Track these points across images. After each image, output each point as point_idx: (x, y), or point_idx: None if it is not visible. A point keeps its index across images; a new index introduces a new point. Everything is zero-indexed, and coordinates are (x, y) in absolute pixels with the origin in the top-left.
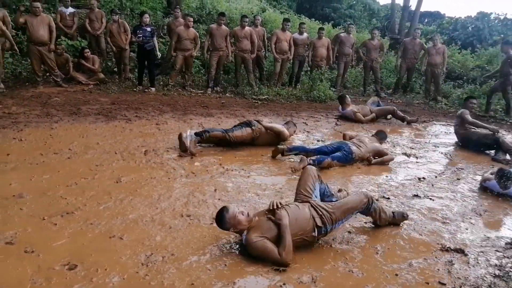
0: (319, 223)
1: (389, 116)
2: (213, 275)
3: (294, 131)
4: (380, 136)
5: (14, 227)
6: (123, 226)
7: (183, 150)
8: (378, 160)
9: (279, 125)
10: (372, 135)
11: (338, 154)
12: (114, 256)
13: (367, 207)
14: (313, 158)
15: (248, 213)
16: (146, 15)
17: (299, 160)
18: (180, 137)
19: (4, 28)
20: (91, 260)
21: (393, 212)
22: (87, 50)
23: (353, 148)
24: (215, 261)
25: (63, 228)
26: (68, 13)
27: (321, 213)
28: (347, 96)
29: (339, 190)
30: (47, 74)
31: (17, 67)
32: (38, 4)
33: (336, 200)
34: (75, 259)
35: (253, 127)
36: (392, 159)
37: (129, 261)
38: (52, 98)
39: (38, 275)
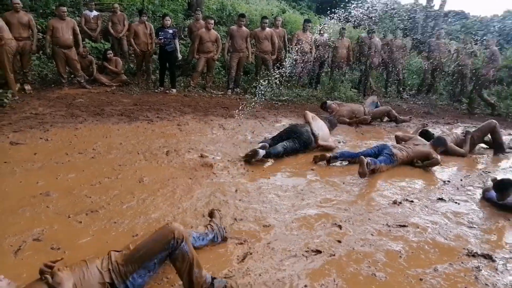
0: (107, 279)
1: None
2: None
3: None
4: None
5: (41, 224)
6: (146, 225)
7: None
8: (422, 164)
9: (331, 142)
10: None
11: (382, 157)
12: None
13: (173, 249)
14: (370, 161)
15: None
16: (168, 18)
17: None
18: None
19: (35, 30)
20: None
21: (213, 278)
22: (110, 52)
23: (395, 150)
24: (238, 259)
25: (88, 226)
26: (92, 16)
27: (111, 267)
28: (326, 102)
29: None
30: (72, 76)
31: (43, 69)
32: (65, 9)
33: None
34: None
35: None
36: (438, 163)
37: None
38: (76, 99)
39: None
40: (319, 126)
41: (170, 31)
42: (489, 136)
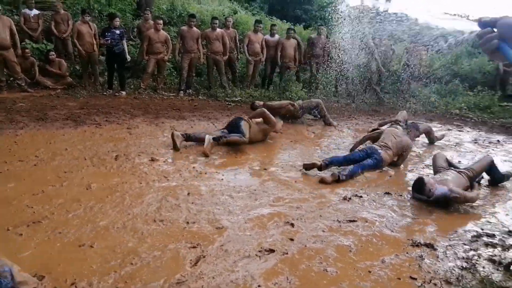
0: None
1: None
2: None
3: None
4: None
5: None
6: (94, 234)
7: (176, 149)
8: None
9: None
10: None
11: (369, 162)
12: (84, 265)
13: None
14: (345, 173)
15: None
16: (117, 18)
17: (330, 173)
18: (172, 135)
19: None
20: (60, 271)
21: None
22: (52, 53)
23: (384, 155)
24: (191, 263)
25: (29, 238)
26: (32, 15)
27: None
28: (254, 102)
29: None
30: (11, 78)
31: None
32: None
33: None
34: (43, 270)
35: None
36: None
37: (100, 269)
38: (16, 103)
39: None
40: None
41: (118, 31)
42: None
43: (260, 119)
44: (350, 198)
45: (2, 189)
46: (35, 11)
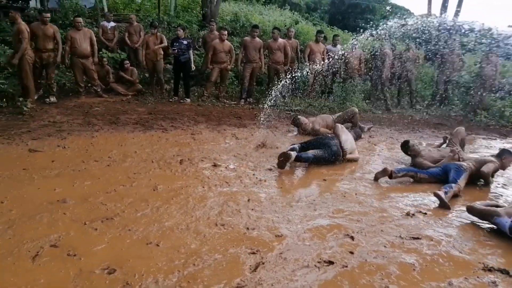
0: None
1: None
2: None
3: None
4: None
5: (58, 230)
6: (160, 233)
7: (280, 167)
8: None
9: (357, 154)
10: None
11: (453, 174)
12: (150, 262)
13: None
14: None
15: None
16: (179, 28)
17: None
18: (286, 156)
19: (60, 43)
20: (129, 265)
21: None
22: (127, 62)
23: (459, 163)
24: (250, 268)
25: (103, 233)
26: (109, 27)
27: None
28: (299, 117)
29: None
30: (89, 85)
31: (61, 78)
32: (80, 19)
33: None
34: (114, 263)
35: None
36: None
37: (165, 267)
38: (93, 108)
39: (80, 278)
40: (347, 139)
41: (185, 42)
42: None
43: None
44: (413, 214)
45: (80, 186)
46: (112, 24)
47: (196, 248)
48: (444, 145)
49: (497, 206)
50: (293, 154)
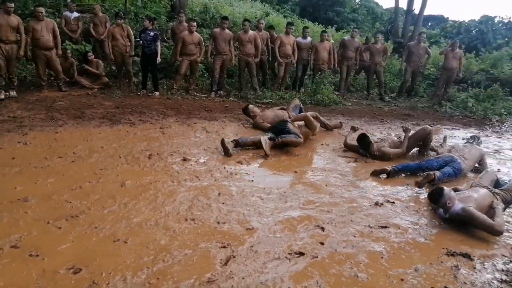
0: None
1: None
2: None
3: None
4: (477, 141)
5: (19, 230)
6: (128, 230)
7: (228, 154)
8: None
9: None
10: (468, 142)
11: (448, 170)
12: (118, 260)
13: None
14: (438, 174)
15: None
16: (146, 20)
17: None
18: (223, 143)
19: (24, 36)
20: (96, 264)
21: None
22: (91, 54)
23: (463, 165)
24: (221, 262)
25: (68, 231)
26: (72, 17)
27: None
28: (248, 106)
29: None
30: (52, 78)
31: (22, 71)
32: (42, 9)
33: None
34: (80, 262)
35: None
36: None
37: (133, 264)
38: (56, 102)
39: (43, 278)
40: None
41: (151, 33)
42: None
43: (302, 123)
44: (382, 204)
45: (43, 184)
46: (75, 14)
47: (165, 244)
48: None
49: (456, 189)
50: (266, 138)
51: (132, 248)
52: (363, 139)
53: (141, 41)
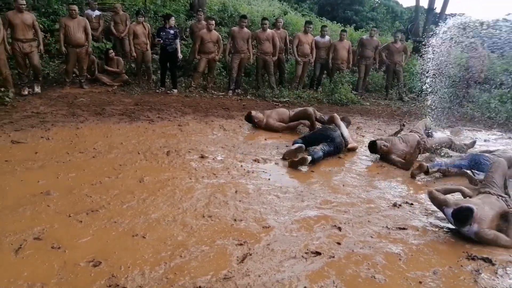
0: None
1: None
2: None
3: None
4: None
5: (42, 223)
6: (146, 225)
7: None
8: None
9: (354, 143)
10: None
11: (484, 165)
12: (137, 254)
13: None
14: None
15: None
16: (172, 18)
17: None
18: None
19: (40, 31)
20: (115, 258)
21: None
22: (111, 51)
23: (492, 156)
24: (237, 260)
25: (88, 225)
26: (94, 16)
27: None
28: (252, 113)
29: None
30: (74, 75)
31: (44, 68)
32: (75, 7)
33: None
34: (100, 256)
35: None
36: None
37: (151, 259)
38: (78, 98)
39: (64, 270)
40: (342, 127)
41: (172, 31)
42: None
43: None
44: (400, 205)
45: (65, 178)
46: (97, 12)
47: (183, 240)
48: (403, 132)
49: (461, 191)
50: (309, 159)
51: (150, 243)
52: (372, 147)
53: (161, 40)
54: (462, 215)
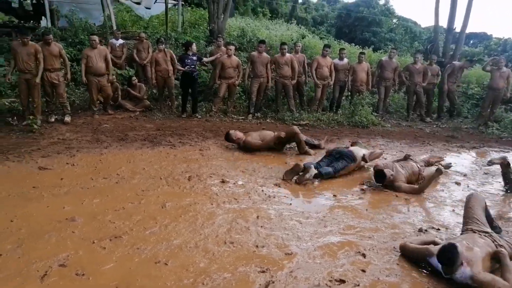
0: None
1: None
2: None
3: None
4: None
5: (66, 249)
6: (168, 251)
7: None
8: None
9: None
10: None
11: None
12: (159, 281)
13: None
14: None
15: None
16: (194, 44)
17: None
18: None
19: (67, 60)
20: (138, 285)
21: None
22: (134, 78)
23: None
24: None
25: (112, 252)
26: (118, 44)
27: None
28: (229, 132)
29: None
30: (98, 102)
31: (70, 95)
32: (95, 37)
33: None
34: (123, 283)
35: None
36: None
37: (174, 287)
38: (102, 124)
39: None
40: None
41: (195, 57)
42: None
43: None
44: (426, 230)
45: (89, 204)
46: (120, 41)
47: (205, 267)
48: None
49: (434, 242)
50: (313, 170)
51: (173, 270)
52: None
53: (186, 67)
54: (447, 255)
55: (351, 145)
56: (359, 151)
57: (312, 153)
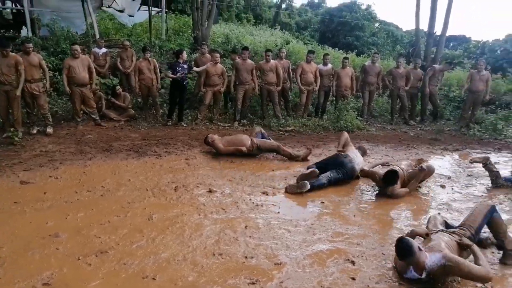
0: None
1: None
2: None
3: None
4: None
5: (50, 267)
6: (156, 266)
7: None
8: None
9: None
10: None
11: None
12: None
13: None
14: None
15: None
16: (185, 52)
17: None
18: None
19: (47, 70)
20: None
21: None
22: (118, 87)
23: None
24: None
25: (98, 268)
26: (100, 53)
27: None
28: (207, 136)
29: None
30: (83, 113)
31: (53, 106)
32: (77, 47)
33: None
34: None
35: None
36: None
37: None
38: (85, 135)
39: None
40: (355, 154)
41: (185, 65)
42: None
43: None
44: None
45: (73, 219)
46: (103, 50)
47: (193, 281)
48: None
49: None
50: (308, 185)
51: (161, 285)
52: (391, 177)
53: (178, 74)
54: (401, 249)
55: (362, 154)
56: (360, 165)
57: (301, 158)
